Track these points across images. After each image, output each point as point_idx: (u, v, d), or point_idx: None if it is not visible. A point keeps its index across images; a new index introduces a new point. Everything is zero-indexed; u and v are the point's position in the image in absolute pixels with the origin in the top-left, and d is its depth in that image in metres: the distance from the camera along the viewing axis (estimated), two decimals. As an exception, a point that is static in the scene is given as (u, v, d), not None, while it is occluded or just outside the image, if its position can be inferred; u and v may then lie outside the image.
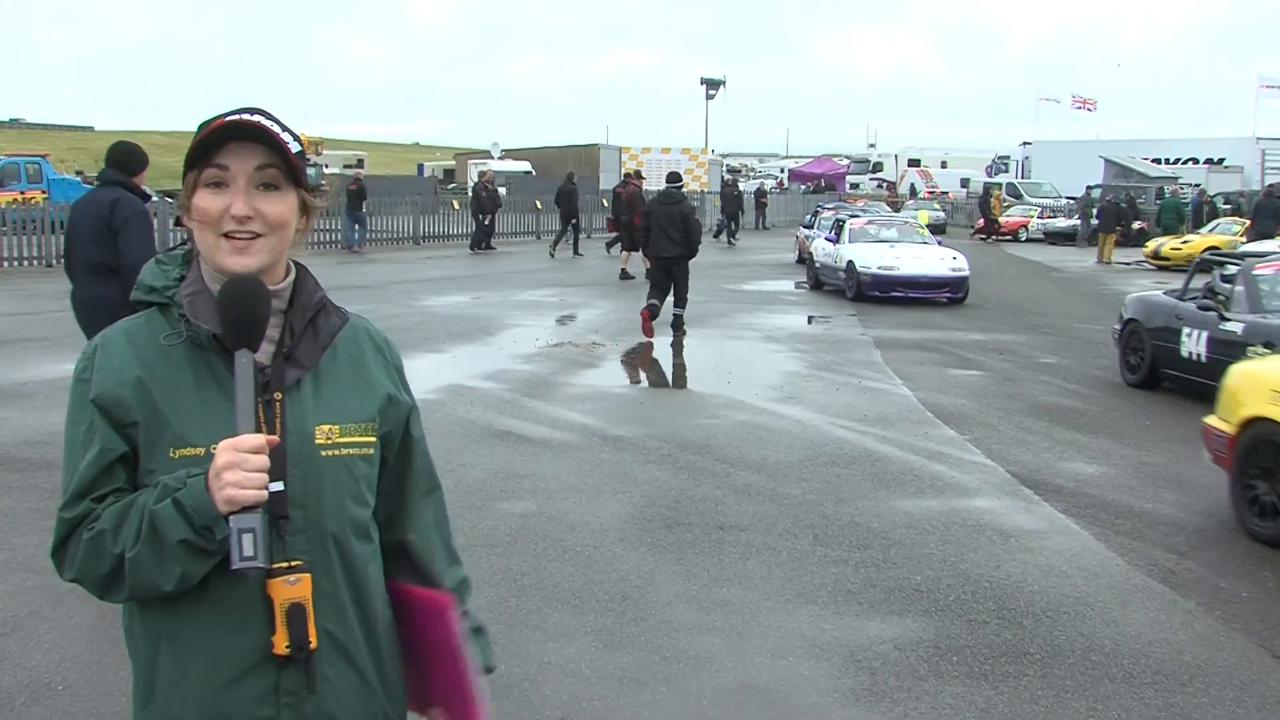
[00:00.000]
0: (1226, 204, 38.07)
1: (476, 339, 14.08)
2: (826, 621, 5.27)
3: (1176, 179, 44.85)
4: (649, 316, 14.16)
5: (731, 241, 34.95)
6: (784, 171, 75.39)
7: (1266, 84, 57.68)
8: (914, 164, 64.45)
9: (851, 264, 19.56)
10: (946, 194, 56.24)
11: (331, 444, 1.85)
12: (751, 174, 73.96)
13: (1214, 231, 29.73)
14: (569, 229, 28.19)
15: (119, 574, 1.74)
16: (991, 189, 43.84)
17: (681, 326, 14.65)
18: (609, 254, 25.92)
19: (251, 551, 1.66)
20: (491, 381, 11.13)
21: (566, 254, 27.83)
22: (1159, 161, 51.07)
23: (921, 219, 29.35)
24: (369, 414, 1.92)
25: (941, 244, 21.45)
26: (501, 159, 61.53)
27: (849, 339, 14.95)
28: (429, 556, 2.04)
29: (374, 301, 16.94)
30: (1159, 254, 28.37)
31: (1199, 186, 41.73)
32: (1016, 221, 41.15)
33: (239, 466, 1.66)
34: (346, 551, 1.86)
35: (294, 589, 1.77)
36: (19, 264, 22.82)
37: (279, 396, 1.82)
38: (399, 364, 2.05)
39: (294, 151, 1.83)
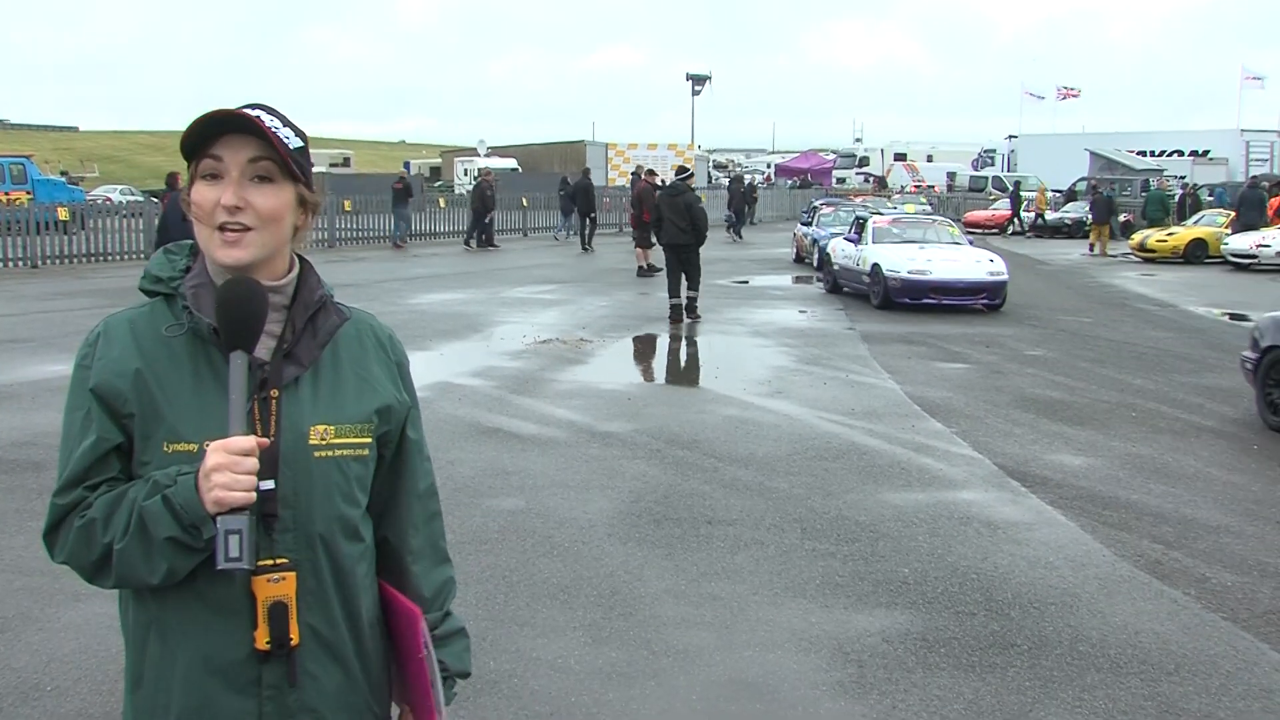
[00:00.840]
0: (1210, 195, 38.21)
1: (464, 336, 14.08)
2: (814, 615, 5.29)
3: (1162, 171, 45.03)
4: (676, 314, 15.51)
5: (738, 237, 35.36)
6: (770, 166, 75.43)
7: (1251, 76, 57.93)
8: (900, 158, 64.59)
9: (877, 267, 17.57)
10: (933, 187, 56.33)
11: (325, 444, 1.85)
12: (738, 169, 73.93)
13: (1199, 223, 29.82)
14: (587, 223, 29.74)
15: (107, 563, 1.76)
16: (1019, 182, 41.94)
17: (695, 310, 15.68)
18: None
19: (237, 553, 1.67)
20: (479, 378, 11.13)
21: (574, 245, 28.66)
22: (1144, 154, 51.27)
23: (908, 211, 29.13)
24: (366, 414, 1.91)
25: (973, 244, 19.24)
26: (488, 156, 61.45)
27: (836, 333, 14.97)
28: (414, 557, 2.03)
29: (361, 300, 16.86)
30: (1144, 246, 28.45)
31: (1184, 179, 41.87)
32: (1002, 215, 41.21)
33: (228, 468, 1.67)
34: (334, 551, 1.86)
35: (277, 587, 1.78)
36: (3, 265, 22.70)
37: (275, 394, 1.82)
38: (402, 361, 2.03)
39: (292, 147, 1.82)
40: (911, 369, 12.07)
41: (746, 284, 21.81)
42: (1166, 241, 28.18)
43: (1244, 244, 25.62)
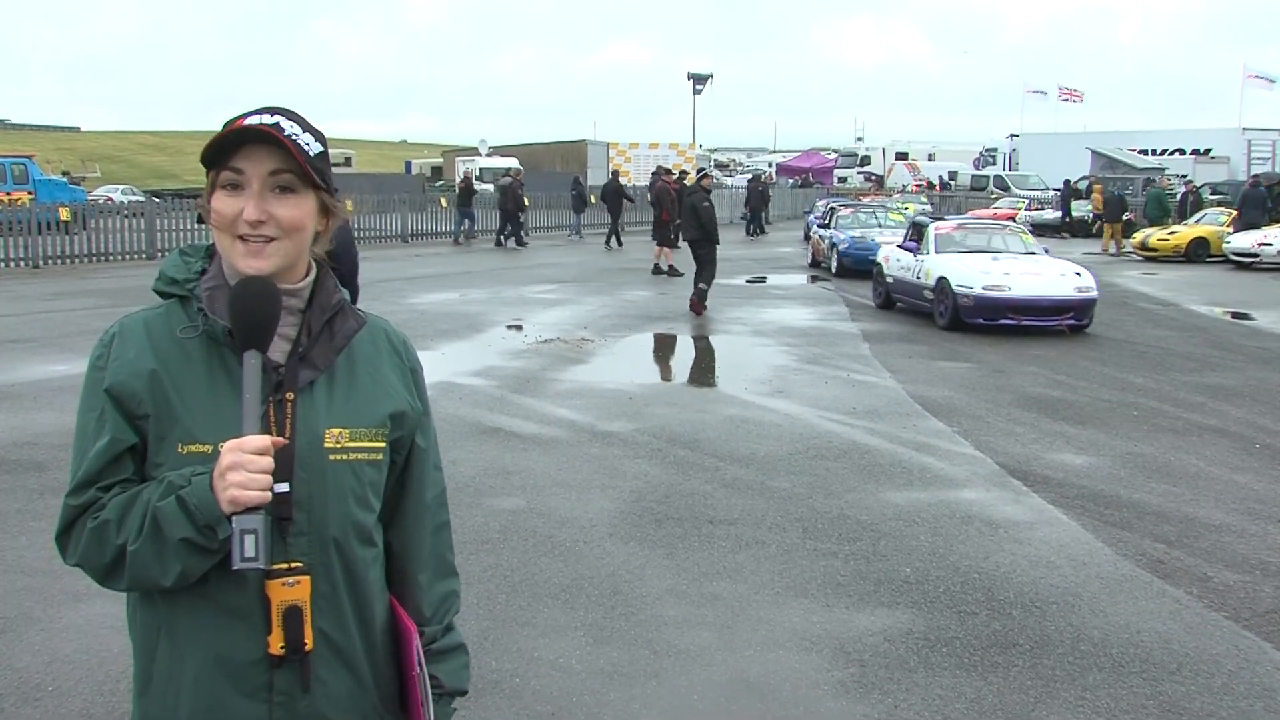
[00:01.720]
0: (1213, 194, 38.15)
1: (465, 336, 14.09)
2: (816, 614, 5.29)
3: (1163, 170, 44.97)
4: (697, 300, 16.48)
5: (759, 233, 36.14)
6: (771, 165, 75.39)
7: (1253, 74, 57.82)
8: (901, 157, 64.51)
9: (944, 282, 15.18)
10: (934, 186, 56.28)
11: (340, 448, 1.84)
12: (739, 169, 73.94)
13: (1201, 222, 29.79)
14: (616, 224, 30.84)
15: (120, 564, 1.75)
16: (1068, 181, 39.61)
17: (704, 301, 16.50)
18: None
19: (253, 553, 1.67)
20: (480, 378, 11.13)
21: (589, 243, 29.29)
22: (1146, 153, 51.20)
23: (910, 212, 29.00)
24: (380, 418, 1.90)
25: (1049, 253, 17.12)
26: (489, 155, 61.44)
27: (837, 332, 14.96)
28: (419, 567, 2.01)
29: (363, 300, 16.85)
30: (1146, 245, 28.43)
31: (1186, 177, 41.80)
32: (1005, 214, 41.18)
33: (243, 467, 1.66)
34: (348, 555, 1.86)
35: (292, 591, 1.77)
36: (5, 265, 22.71)
37: (291, 397, 1.82)
38: (416, 367, 2.02)
39: (312, 154, 1.82)
40: (913, 368, 12.06)
41: (763, 282, 21.92)
42: (1168, 240, 28.15)
43: (1246, 243, 25.60)
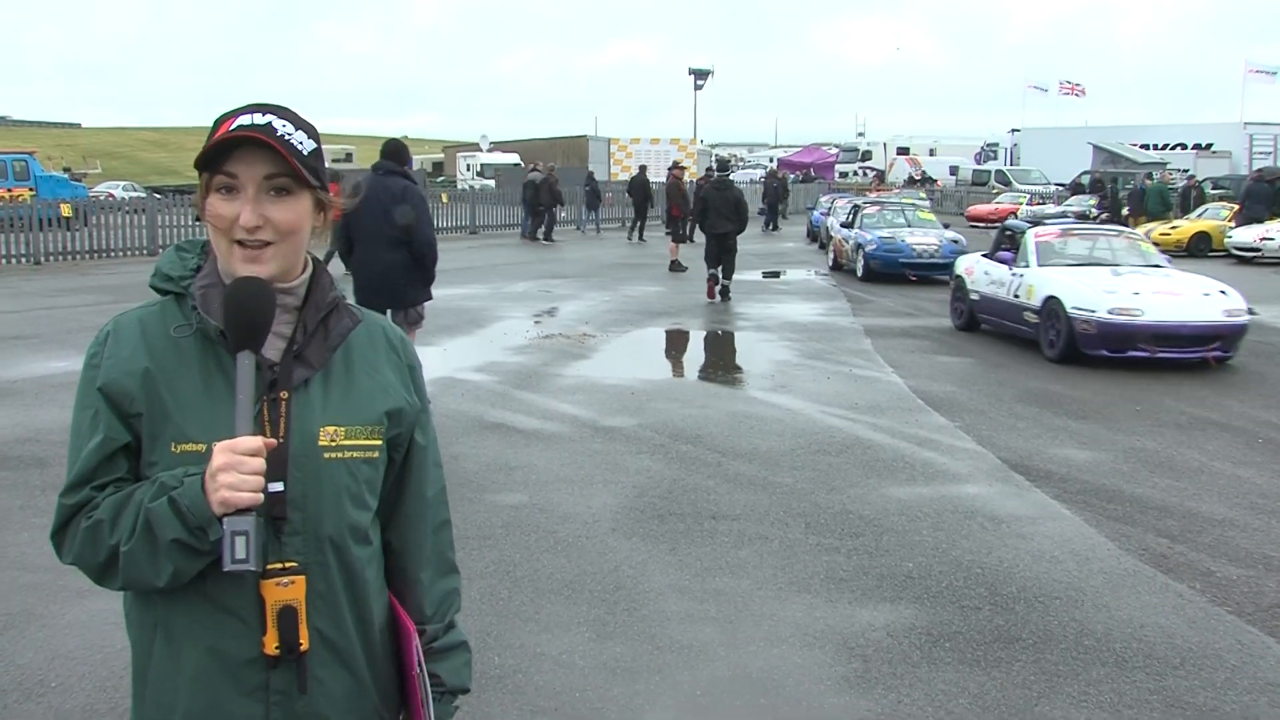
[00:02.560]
0: (1215, 189, 38.11)
1: (467, 331, 14.08)
2: (819, 609, 5.28)
3: (1165, 164, 44.91)
4: (713, 283, 17.47)
5: (775, 229, 36.81)
6: (773, 161, 75.33)
7: (1255, 69, 57.73)
8: (903, 152, 64.48)
9: (1054, 303, 12.10)
10: (935, 181, 56.25)
11: (335, 446, 1.83)
12: (741, 164, 73.86)
13: (1203, 217, 29.77)
14: (642, 218, 31.56)
15: (114, 564, 1.74)
16: (1118, 177, 38.31)
17: (728, 294, 17.57)
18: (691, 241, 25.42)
19: (244, 554, 1.65)
20: (482, 374, 11.12)
21: (609, 238, 28.87)
22: (1147, 147, 51.16)
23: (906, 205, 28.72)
24: (376, 416, 1.89)
25: (1170, 263, 13.77)
26: (490, 151, 61.41)
27: (839, 327, 14.95)
28: (419, 565, 2.00)
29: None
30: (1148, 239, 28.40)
31: (1187, 172, 41.77)
32: (1006, 209, 41.15)
33: (235, 469, 1.65)
34: (344, 554, 1.84)
35: (286, 591, 1.76)
36: (6, 262, 22.72)
37: (285, 395, 1.80)
38: (414, 364, 2.01)
39: (306, 153, 1.80)
40: (915, 363, 12.05)
41: (777, 277, 22.05)
42: (1170, 235, 28.11)
43: (1248, 237, 25.58)
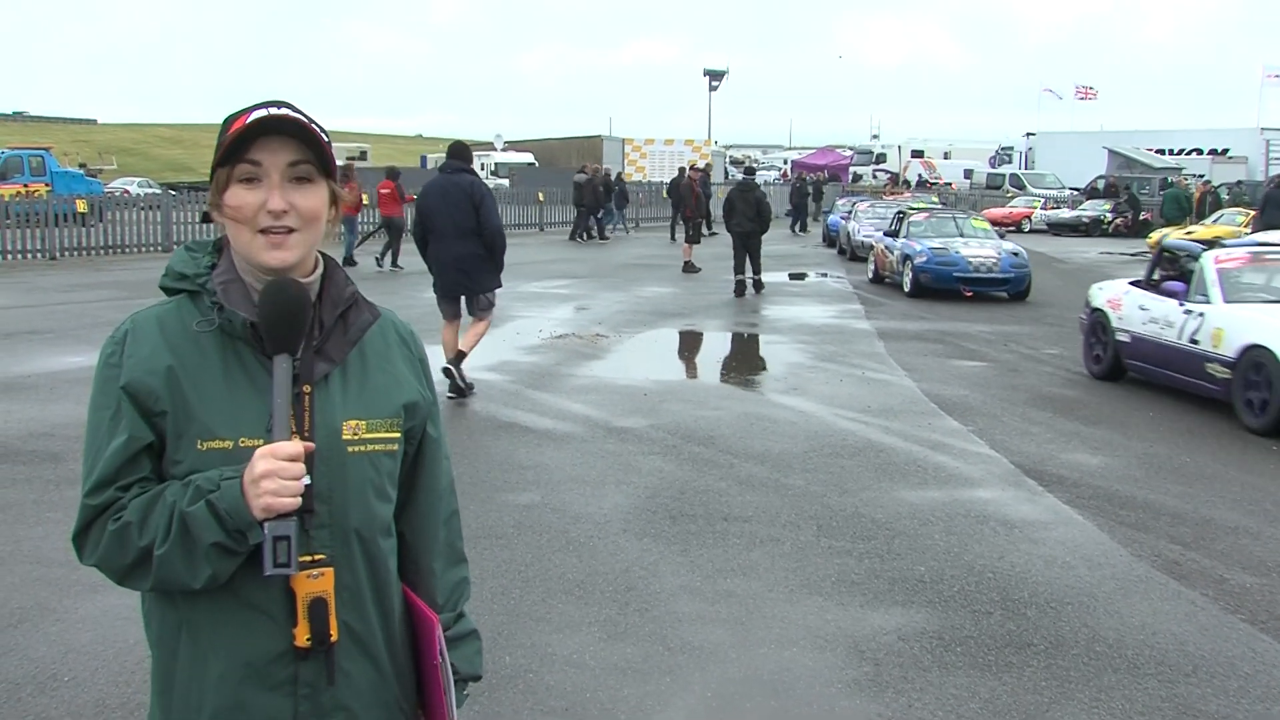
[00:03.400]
0: (1228, 194, 37.95)
1: (480, 331, 14.08)
2: (830, 612, 5.28)
3: (1180, 169, 44.77)
4: (741, 286, 18.47)
5: (802, 230, 37.39)
6: (787, 162, 75.28)
7: (1272, 74, 57.48)
8: (917, 155, 64.31)
9: (1261, 355, 8.95)
10: (949, 184, 56.12)
11: (358, 439, 1.85)
12: (757, 164, 73.82)
13: (1218, 222, 29.63)
14: (679, 219, 32.04)
15: (142, 565, 1.74)
16: (1130, 183, 37.80)
17: (760, 286, 18.76)
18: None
19: (285, 559, 1.68)
20: (495, 373, 11.14)
21: (622, 236, 28.29)
22: (1163, 152, 50.98)
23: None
24: (395, 409, 1.91)
25: None
26: (504, 150, 61.47)
27: (852, 330, 14.93)
28: (432, 555, 2.03)
29: (378, 293, 16.84)
30: (1163, 245, 28.27)
31: (1204, 177, 41.59)
32: (1020, 213, 41.04)
33: (277, 475, 1.67)
34: (369, 546, 1.86)
35: (317, 583, 1.78)
36: (22, 257, 22.83)
37: (308, 390, 1.82)
38: (423, 357, 2.04)
39: (324, 143, 1.83)
40: (928, 366, 12.03)
41: (801, 279, 21.98)
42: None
43: (1263, 243, 25.45)
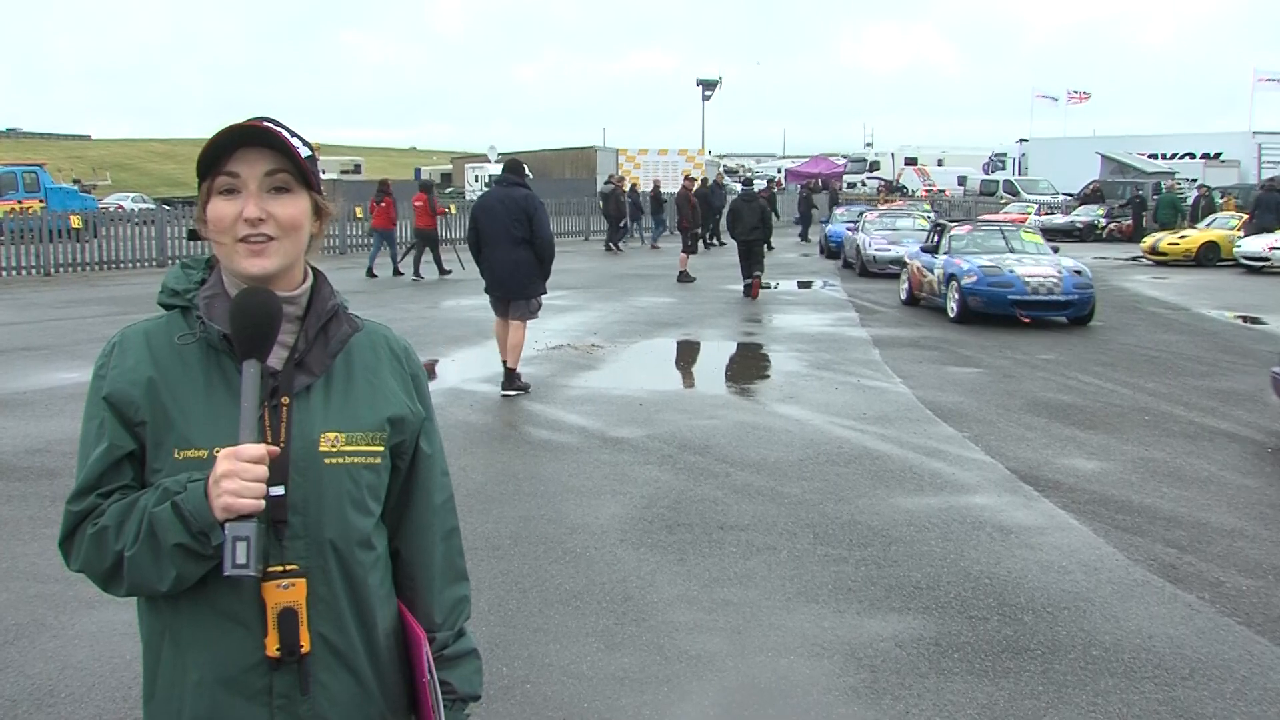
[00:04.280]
0: (1222, 198, 38.04)
1: (475, 342, 14.10)
2: (827, 620, 5.28)
3: (1173, 174, 44.85)
4: (756, 284, 19.45)
5: (803, 239, 37.99)
6: (781, 171, 75.35)
7: (1264, 77, 57.61)
8: (911, 162, 64.41)
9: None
10: (944, 192, 56.20)
11: (336, 451, 1.85)
12: (750, 174, 73.91)
13: (1211, 226, 29.71)
14: (707, 228, 32.64)
15: (119, 570, 1.77)
16: (1143, 193, 37.35)
17: (761, 284, 19.78)
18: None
19: (244, 559, 1.68)
20: (490, 384, 11.13)
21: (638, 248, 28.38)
22: (1155, 157, 51.08)
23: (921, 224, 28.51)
24: (378, 423, 1.92)
25: None
26: (498, 162, 61.47)
27: (848, 338, 14.95)
28: (429, 572, 2.02)
29: (373, 306, 16.94)
30: (1156, 249, 28.34)
31: (1197, 181, 41.70)
32: (1015, 218, 41.09)
33: (238, 475, 1.68)
34: (346, 559, 1.86)
35: (287, 594, 1.79)
36: (17, 273, 22.82)
37: (286, 401, 1.83)
38: (417, 373, 2.04)
39: (303, 155, 1.85)
40: (923, 373, 12.04)
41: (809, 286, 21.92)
42: (1178, 244, 28.07)
43: (1257, 247, 25.50)
